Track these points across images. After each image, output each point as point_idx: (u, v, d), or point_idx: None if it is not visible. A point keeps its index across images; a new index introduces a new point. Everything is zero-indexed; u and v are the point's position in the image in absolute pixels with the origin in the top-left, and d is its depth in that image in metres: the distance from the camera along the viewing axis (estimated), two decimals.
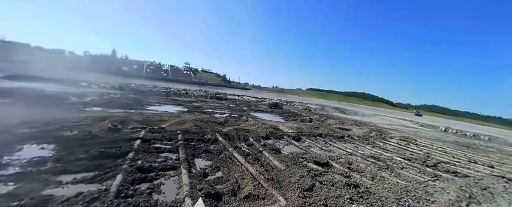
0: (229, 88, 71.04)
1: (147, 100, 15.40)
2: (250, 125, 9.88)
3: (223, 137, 7.20)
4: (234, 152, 5.76)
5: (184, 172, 4.21)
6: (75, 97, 12.79)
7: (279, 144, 7.64)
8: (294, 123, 13.37)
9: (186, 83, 59.20)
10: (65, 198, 2.95)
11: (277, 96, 64.31)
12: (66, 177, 3.61)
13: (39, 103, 9.74)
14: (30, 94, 11.95)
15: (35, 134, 5.39)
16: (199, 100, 20.41)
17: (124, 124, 7.15)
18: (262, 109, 19.76)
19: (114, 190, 3.23)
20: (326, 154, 7.14)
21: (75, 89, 17.17)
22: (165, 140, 6.26)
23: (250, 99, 34.04)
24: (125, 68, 72.94)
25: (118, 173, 3.79)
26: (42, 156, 4.20)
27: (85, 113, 8.55)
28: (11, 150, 4.31)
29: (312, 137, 9.62)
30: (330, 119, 17.45)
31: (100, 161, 4.25)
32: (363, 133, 12.59)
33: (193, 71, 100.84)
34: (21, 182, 3.26)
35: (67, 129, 6.09)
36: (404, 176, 5.90)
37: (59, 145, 4.88)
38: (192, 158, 5.18)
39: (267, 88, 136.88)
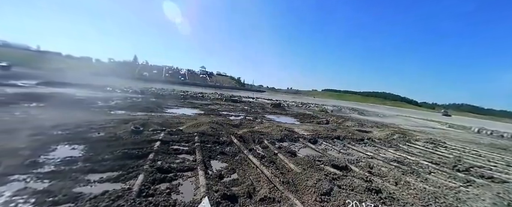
0: (243, 91, 71.72)
1: (166, 104, 16.07)
2: (265, 128, 9.86)
3: (238, 139, 7.26)
4: (249, 155, 5.78)
5: (201, 173, 4.32)
6: (101, 101, 13.75)
7: (294, 147, 7.53)
8: (310, 125, 13.11)
9: (202, 86, 60.87)
10: (92, 195, 3.17)
11: (292, 97, 63.52)
12: (94, 176, 3.88)
13: (70, 107, 10.63)
14: (63, 99, 13.08)
15: (67, 135, 5.88)
16: (214, 103, 20.86)
17: (145, 126, 7.53)
18: (277, 112, 19.64)
19: (136, 189, 3.40)
20: (344, 157, 6.89)
21: (102, 94, 18.46)
22: (182, 142, 6.47)
23: (264, 101, 34.02)
24: (146, 73, 76.94)
25: (140, 173, 3.99)
26: (73, 156, 4.56)
27: (110, 116, 9.15)
28: (46, 150, 4.74)
29: (329, 139, 9.35)
30: (348, 121, 16.84)
31: (124, 162, 4.51)
32: (384, 135, 11.96)
33: (209, 75, 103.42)
34: (55, 180, 3.56)
35: (95, 131, 6.56)
36: (432, 182, 5.50)
37: (88, 145, 5.26)
38: (208, 160, 5.29)
39: (282, 90, 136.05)
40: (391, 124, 19.10)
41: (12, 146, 4.67)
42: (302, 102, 40.97)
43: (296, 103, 35.60)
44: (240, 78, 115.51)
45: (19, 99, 11.07)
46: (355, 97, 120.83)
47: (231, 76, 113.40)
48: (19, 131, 5.81)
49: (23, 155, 4.30)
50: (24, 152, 4.43)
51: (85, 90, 19.71)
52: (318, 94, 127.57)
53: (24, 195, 3.05)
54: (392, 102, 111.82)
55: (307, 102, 43.20)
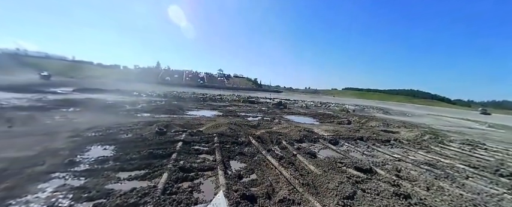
0: (260, 92, 71.88)
1: (187, 106, 16.74)
2: (283, 128, 9.77)
3: (256, 140, 7.29)
4: (267, 155, 5.77)
5: (220, 173, 4.41)
6: (129, 105, 14.77)
7: (314, 148, 7.35)
8: (330, 125, 12.69)
9: (220, 89, 62.32)
10: (122, 192, 3.41)
11: (311, 97, 62.09)
12: (123, 174, 4.18)
13: (101, 111, 11.58)
14: (95, 103, 14.30)
15: (99, 137, 6.42)
16: (232, 105, 21.20)
17: (168, 127, 7.91)
18: (295, 112, 19.34)
19: (161, 187, 3.59)
20: (369, 159, 6.55)
21: (129, 98, 19.83)
22: (203, 142, 6.68)
23: (282, 101, 33.73)
24: (168, 78, 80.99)
25: (164, 172, 4.21)
26: (105, 155, 4.96)
27: (137, 119, 9.79)
28: (82, 150, 5.22)
29: (351, 140, 8.96)
30: (372, 121, 15.96)
31: (149, 161, 4.79)
32: (413, 136, 11.13)
33: (226, 77, 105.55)
34: (90, 177, 3.91)
35: (123, 133, 7.07)
36: (470, 187, 4.98)
37: (118, 146, 5.69)
38: (227, 160, 5.39)
39: (299, 89, 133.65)
40: (421, 124, 17.70)
41: (54, 147, 5.22)
42: (321, 101, 39.84)
43: (315, 102, 34.74)
44: (256, 79, 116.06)
45: (58, 105, 12.36)
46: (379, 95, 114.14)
47: (247, 77, 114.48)
48: (59, 133, 6.48)
49: (62, 155, 4.79)
50: (64, 152, 4.93)
51: (114, 95, 21.34)
52: (338, 93, 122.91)
53: (63, 191, 3.39)
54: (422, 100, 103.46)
55: (326, 101, 41.89)
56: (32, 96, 15.95)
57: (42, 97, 15.28)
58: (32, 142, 5.50)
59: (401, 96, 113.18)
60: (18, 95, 15.63)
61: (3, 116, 8.23)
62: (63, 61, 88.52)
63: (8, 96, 14.85)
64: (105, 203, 3.09)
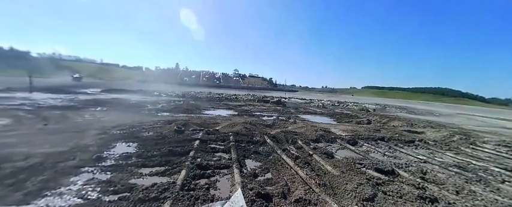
0: (275, 91, 71.49)
1: (204, 106, 17.19)
2: (299, 128, 9.62)
3: (272, 139, 7.26)
4: (282, 155, 5.72)
5: (236, 171, 4.46)
6: (150, 104, 15.54)
7: (331, 148, 7.13)
8: (348, 125, 12.23)
9: (236, 88, 63.11)
10: (144, 187, 3.59)
11: (328, 96, 60.37)
12: (145, 170, 4.40)
13: (125, 110, 12.32)
14: (120, 103, 15.25)
15: (123, 134, 6.83)
16: (247, 104, 21.34)
17: (186, 126, 8.19)
18: (312, 111, 18.93)
19: (179, 183, 3.72)
20: (390, 161, 6.20)
21: (150, 98, 20.88)
22: (219, 141, 6.81)
23: (297, 100, 33.25)
24: (186, 78, 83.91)
25: (182, 169, 4.36)
26: (129, 152, 5.26)
27: (157, 118, 10.26)
28: (108, 147, 5.59)
29: (371, 141, 8.55)
30: (395, 121, 15.09)
31: (169, 158, 5.00)
32: (441, 136, 10.33)
33: (242, 77, 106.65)
34: (115, 172, 4.17)
35: (145, 131, 7.45)
36: (506, 192, 4.50)
37: (140, 143, 6.01)
38: (243, 159, 5.43)
39: (315, 89, 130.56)
40: (450, 124, 16.35)
41: (84, 143, 5.66)
42: (339, 100, 38.55)
43: (332, 102, 33.73)
44: (271, 79, 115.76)
45: (88, 104, 13.38)
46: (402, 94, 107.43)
47: (262, 77, 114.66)
48: (88, 131, 7.01)
49: (91, 150, 5.17)
50: (92, 148, 5.32)
51: (137, 95, 22.60)
52: (357, 92, 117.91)
53: (92, 184, 3.65)
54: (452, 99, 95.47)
55: (344, 100, 40.44)
56: (66, 96, 17.47)
57: (74, 98, 16.67)
58: (65, 138, 6.02)
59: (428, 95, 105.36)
60: (54, 95, 17.22)
61: (40, 115, 9.12)
62: (93, 64, 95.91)
63: (45, 96, 16.42)
64: (129, 197, 3.28)
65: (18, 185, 3.40)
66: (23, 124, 7.53)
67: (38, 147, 5.15)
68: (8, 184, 3.41)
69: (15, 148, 4.98)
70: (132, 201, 3.17)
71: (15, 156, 4.47)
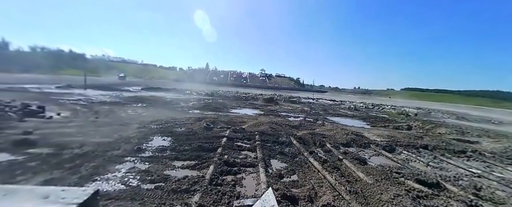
0: (303, 92, 69.74)
1: (231, 104, 17.70)
2: (327, 130, 9.21)
3: (298, 140, 7.11)
4: (309, 157, 5.55)
5: (261, 171, 4.49)
6: (182, 102, 16.64)
7: (363, 153, 6.65)
8: (384, 130, 11.25)
9: (262, 88, 63.45)
10: (177, 178, 3.86)
11: (361, 98, 56.44)
12: (177, 163, 4.72)
13: (161, 106, 13.42)
14: (157, 100, 16.67)
15: (159, 129, 7.45)
16: (274, 104, 21.26)
17: (214, 123, 8.54)
18: (342, 114, 17.93)
19: (208, 178, 3.90)
20: (435, 172, 5.51)
21: (183, 96, 22.36)
22: (245, 139, 6.94)
23: (326, 102, 31.87)
24: (215, 78, 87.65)
25: (210, 164, 4.56)
26: (164, 145, 5.71)
27: (189, 115, 10.93)
28: (147, 139, 6.15)
29: (412, 148, 7.71)
30: (441, 128, 13.34)
31: (199, 153, 5.28)
32: (501, 148, 8.79)
33: (268, 77, 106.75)
34: (152, 163, 4.57)
35: (178, 126, 8.00)
36: None
37: (173, 138, 6.47)
38: (268, 159, 5.43)
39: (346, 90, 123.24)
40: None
41: (127, 135, 6.33)
42: (373, 103, 35.71)
43: (365, 104, 31.42)
44: (299, 79, 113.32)
45: (131, 101, 14.94)
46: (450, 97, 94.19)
47: (289, 77, 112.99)
48: (130, 124, 7.83)
49: (133, 142, 5.76)
50: (134, 140, 5.91)
51: (171, 93, 24.43)
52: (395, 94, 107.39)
53: (133, 173, 4.06)
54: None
55: (379, 103, 37.32)
56: (113, 93, 19.82)
57: (119, 95, 18.80)
58: (111, 130, 6.82)
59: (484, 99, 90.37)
60: (103, 92, 19.68)
61: (92, 109, 10.51)
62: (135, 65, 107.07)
63: (96, 93, 18.88)
64: (164, 187, 3.57)
65: (75, 169, 3.97)
66: (79, 116, 8.78)
67: (90, 137, 5.95)
68: (67, 167, 4.01)
69: (73, 137, 5.83)
70: (166, 191, 3.44)
71: (73, 144, 5.23)
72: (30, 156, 4.39)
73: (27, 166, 3.95)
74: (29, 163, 4.07)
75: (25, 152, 4.55)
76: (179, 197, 3.34)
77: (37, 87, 20.34)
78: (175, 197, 3.32)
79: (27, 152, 4.56)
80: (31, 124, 6.90)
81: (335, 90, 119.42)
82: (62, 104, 11.27)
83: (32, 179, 3.48)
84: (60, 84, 23.41)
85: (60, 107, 10.28)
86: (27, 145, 4.93)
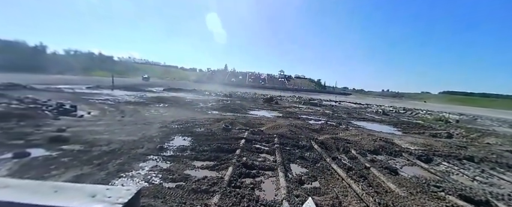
0: (324, 94, 67.73)
1: (249, 106, 17.85)
2: (352, 136, 8.81)
3: (319, 145, 6.90)
4: (332, 164, 5.35)
5: (281, 175, 4.43)
6: (201, 103, 17.21)
7: (394, 162, 6.22)
8: (419, 138, 10.42)
9: (281, 90, 62.98)
10: (196, 178, 3.97)
11: (390, 101, 53.05)
12: (197, 163, 4.87)
13: (182, 107, 14.01)
14: (177, 100, 17.44)
15: (180, 129, 7.77)
16: (293, 106, 20.97)
17: (233, 125, 8.68)
18: (368, 118, 17.01)
19: (227, 179, 3.95)
20: (484, 188, 4.93)
21: (202, 97, 23.12)
22: (263, 142, 6.93)
23: (350, 105, 30.55)
24: (233, 79, 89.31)
25: (229, 166, 4.62)
26: (184, 145, 5.93)
27: (208, 115, 11.26)
28: (168, 139, 6.45)
29: (454, 159, 7.01)
30: (490, 137, 11.92)
31: (217, 154, 5.39)
32: None
33: (287, 78, 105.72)
34: (173, 162, 4.77)
35: (198, 127, 8.28)
36: None
37: (193, 138, 6.70)
38: (288, 163, 5.35)
39: (373, 92, 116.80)
40: None
41: (150, 134, 6.71)
42: (405, 107, 33.33)
43: (396, 108, 29.47)
44: (320, 80, 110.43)
45: (153, 101, 15.83)
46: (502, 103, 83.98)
47: (309, 78, 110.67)
48: (153, 124, 8.29)
49: (155, 141, 6.08)
50: (156, 139, 6.24)
51: (191, 94, 25.41)
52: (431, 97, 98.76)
53: (155, 171, 4.27)
54: None
55: (413, 107, 34.69)
56: (137, 93, 21.22)
57: (143, 95, 20.05)
58: (136, 129, 7.29)
59: None
60: (128, 93, 21.15)
61: (119, 108, 11.33)
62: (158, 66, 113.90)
63: (122, 93, 20.36)
64: (184, 186, 3.70)
65: (102, 166, 4.30)
66: (106, 115, 9.53)
67: (116, 135, 6.42)
68: (95, 164, 4.36)
69: (101, 135, 6.34)
70: (186, 190, 3.56)
71: (101, 141, 5.68)
72: (63, 152, 4.86)
73: (60, 161, 4.37)
74: (62, 159, 4.50)
75: (59, 148, 5.05)
76: (199, 197, 3.44)
77: (70, 87, 22.59)
78: (196, 197, 3.42)
79: (60, 148, 5.05)
80: (64, 122, 7.67)
81: (360, 92, 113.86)
82: (91, 104, 12.36)
83: (63, 174, 3.83)
84: (90, 85, 25.73)
85: (90, 107, 11.28)
86: (61, 141, 5.46)
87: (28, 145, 5.10)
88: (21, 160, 4.28)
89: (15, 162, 4.19)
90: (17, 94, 12.63)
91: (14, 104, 9.32)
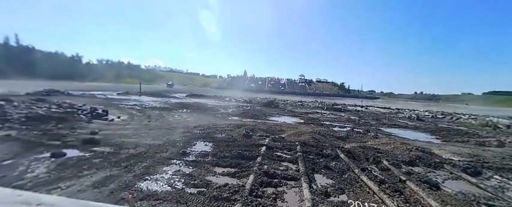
0: (348, 98, 64.96)
1: (269, 112, 17.74)
2: (383, 144, 8.19)
3: (346, 154, 6.51)
4: (361, 175, 4.98)
5: (305, 186, 4.23)
6: (222, 108, 17.56)
7: (435, 175, 5.59)
8: (463, 147, 9.34)
9: (301, 95, 61.87)
10: (218, 185, 3.96)
11: (425, 105, 48.84)
12: (218, 169, 4.88)
13: (203, 112, 14.41)
14: (199, 106, 18.02)
15: (202, 134, 7.95)
16: (315, 112, 20.36)
17: (253, 131, 8.64)
18: (400, 124, 15.77)
19: (248, 188, 3.88)
20: None
21: (222, 103, 23.63)
22: (285, 149, 6.75)
23: (378, 110, 28.73)
24: (252, 85, 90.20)
25: (250, 174, 4.54)
26: (206, 151, 6.03)
27: (228, 121, 11.40)
28: (191, 144, 6.61)
29: (508, 172, 6.12)
30: None
31: (238, 161, 5.36)
32: None
33: (308, 82, 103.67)
34: (195, 168, 4.85)
35: (218, 132, 8.39)
36: None
37: (214, 143, 6.79)
38: (311, 173, 5.11)
39: (404, 95, 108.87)
40: None
41: (173, 139, 6.95)
42: (443, 111, 30.41)
43: (432, 113, 27.01)
44: (343, 84, 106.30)
45: (177, 107, 16.55)
46: None
47: (332, 82, 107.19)
48: (177, 129, 8.60)
49: (178, 146, 6.27)
50: (179, 144, 6.44)
51: (212, 100, 26.13)
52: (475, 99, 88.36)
53: (178, 175, 4.37)
54: None
55: (452, 111, 31.53)
56: (162, 99, 22.43)
57: (167, 101, 21.12)
58: (161, 133, 7.62)
59: None
60: (155, 99, 22.46)
61: (145, 113, 12.03)
62: (181, 74, 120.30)
63: (149, 99, 21.69)
64: (206, 192, 3.71)
65: (129, 168, 4.52)
66: (134, 119, 10.16)
67: (143, 139, 6.77)
68: (123, 166, 4.60)
69: (129, 138, 6.73)
70: (208, 197, 3.56)
71: (129, 144, 6.03)
72: (95, 153, 5.24)
73: (92, 162, 4.70)
74: (93, 160, 4.85)
75: (91, 149, 5.46)
76: (220, 205, 3.41)
77: (102, 93, 24.73)
78: (217, 205, 3.40)
79: (92, 150, 5.46)
80: (97, 125, 8.33)
81: (389, 96, 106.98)
82: (121, 109, 13.31)
83: (94, 175, 4.09)
84: (121, 91, 27.90)
85: (120, 111, 12.15)
86: (93, 143, 5.91)
87: (64, 146, 5.61)
88: (58, 159, 4.70)
89: (53, 161, 4.61)
90: (57, 99, 14.14)
91: (53, 108, 10.41)
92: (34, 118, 8.06)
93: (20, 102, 10.87)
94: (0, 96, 12.74)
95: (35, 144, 5.56)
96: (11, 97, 12.28)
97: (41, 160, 4.62)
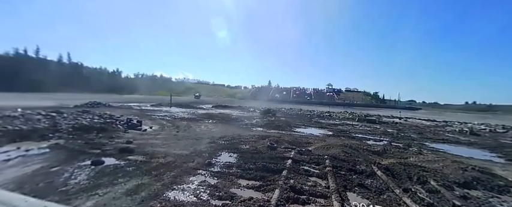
0: (384, 109, 60.35)
1: (295, 123, 17.34)
2: (429, 162, 7.31)
3: (383, 171, 5.93)
4: (404, 197, 4.46)
5: (336, 205, 3.92)
6: (246, 119, 17.73)
7: (499, 202, 4.73)
8: None
9: (329, 105, 59.41)
10: (242, 198, 3.90)
11: (479, 117, 42.82)
12: (243, 181, 4.84)
13: (228, 123, 14.71)
14: (224, 117, 18.47)
15: (226, 145, 8.06)
16: (344, 123, 19.29)
17: (278, 143, 8.47)
18: (450, 139, 13.97)
19: (273, 203, 3.73)
20: None
21: (247, 113, 23.92)
22: (312, 163, 6.44)
23: (421, 122, 26.01)
24: (277, 95, 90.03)
25: (276, 188, 4.39)
26: (230, 162, 6.05)
27: (252, 132, 11.41)
28: (216, 155, 6.73)
29: None
30: None
31: (263, 173, 5.26)
32: None
33: (336, 92, 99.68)
34: (220, 179, 4.87)
35: (243, 143, 8.42)
36: None
37: (239, 155, 6.80)
38: (343, 190, 4.74)
39: (452, 106, 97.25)
40: None
41: (200, 149, 7.17)
42: (504, 124, 26.27)
43: (489, 126, 23.52)
44: (377, 93, 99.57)
45: (204, 117, 17.22)
46: None
47: (364, 91, 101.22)
48: (203, 139, 8.88)
49: (204, 156, 6.43)
50: (205, 154, 6.60)
51: (237, 111, 26.65)
52: None
53: (203, 186, 4.43)
54: None
55: None
56: (190, 110, 23.61)
57: (195, 112, 22.15)
58: (188, 144, 7.93)
59: None
60: (183, 109, 23.74)
61: (175, 124, 12.71)
62: (208, 85, 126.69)
63: (178, 110, 22.99)
64: (231, 205, 3.68)
65: (159, 177, 4.74)
66: (164, 130, 10.79)
67: (172, 149, 7.11)
68: (153, 174, 4.84)
69: (159, 148, 7.13)
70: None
71: (159, 154, 6.36)
72: (129, 162, 5.63)
73: (126, 170, 5.04)
74: (127, 168, 5.20)
75: (126, 158, 5.90)
76: None
77: (137, 105, 27.01)
78: None
79: (127, 158, 5.89)
80: (131, 135, 9.03)
81: (433, 106, 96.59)
82: (153, 119, 14.31)
83: (128, 182, 4.37)
84: (154, 103, 30.19)
85: (152, 122, 13.05)
86: (128, 152, 6.38)
87: (103, 154, 6.14)
88: (97, 167, 5.15)
89: (92, 168, 5.06)
90: (99, 111, 15.80)
91: (95, 119, 11.62)
92: (79, 128, 9.08)
93: (68, 114, 12.40)
94: (53, 108, 14.72)
95: (78, 152, 6.21)
96: (61, 110, 14.11)
97: (82, 168, 5.11)
